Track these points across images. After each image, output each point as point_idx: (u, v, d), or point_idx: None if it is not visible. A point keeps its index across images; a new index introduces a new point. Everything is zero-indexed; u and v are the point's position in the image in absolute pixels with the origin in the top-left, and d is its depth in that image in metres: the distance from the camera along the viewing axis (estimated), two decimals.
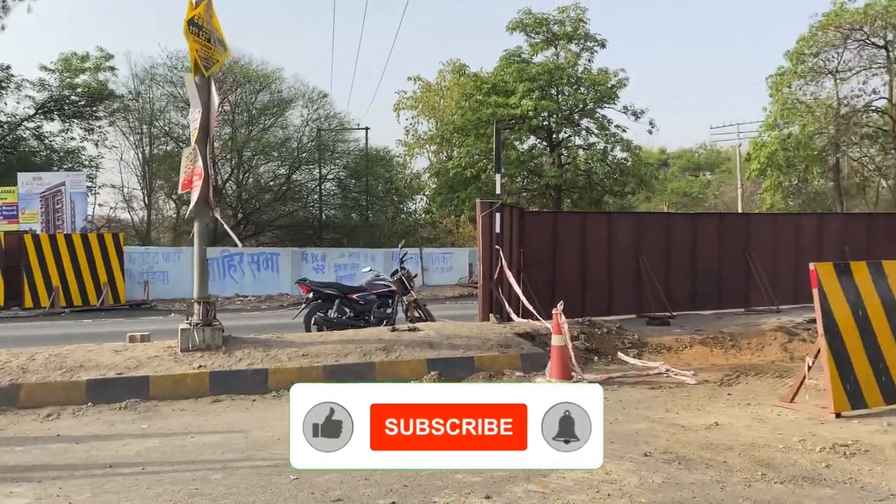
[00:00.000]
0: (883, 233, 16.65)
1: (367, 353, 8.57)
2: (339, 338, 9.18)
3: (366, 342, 8.88)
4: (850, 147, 31.16)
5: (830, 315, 6.43)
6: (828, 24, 28.21)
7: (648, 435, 5.93)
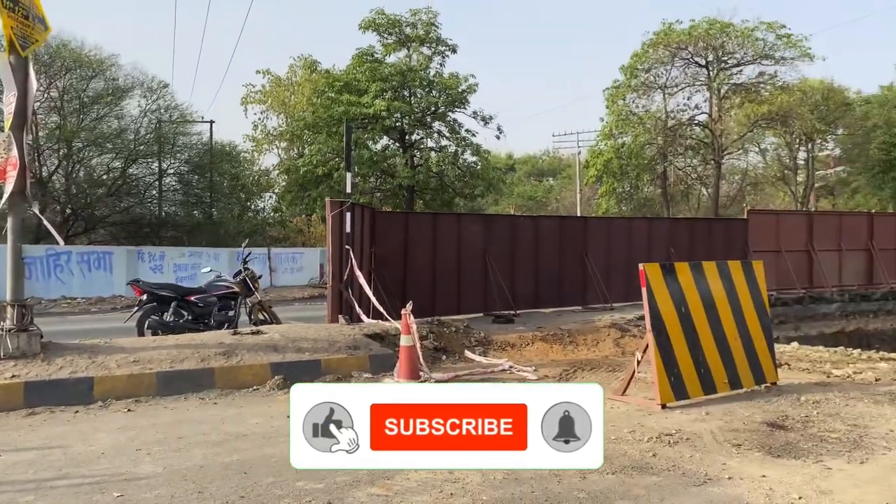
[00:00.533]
0: (703, 235, 18.24)
1: (205, 358, 8.11)
2: (175, 342, 8.63)
3: (204, 346, 8.40)
4: (675, 157, 33.89)
5: (657, 313, 6.88)
6: (658, 42, 30.50)
7: None
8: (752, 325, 7.57)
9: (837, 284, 19.73)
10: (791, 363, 9.62)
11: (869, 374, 8.79)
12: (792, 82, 31.54)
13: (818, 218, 20.89)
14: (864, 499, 4.37)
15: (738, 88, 31.80)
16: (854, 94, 37.67)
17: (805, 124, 32.75)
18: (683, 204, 39.17)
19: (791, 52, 30.36)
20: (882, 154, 35.22)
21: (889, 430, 5.90)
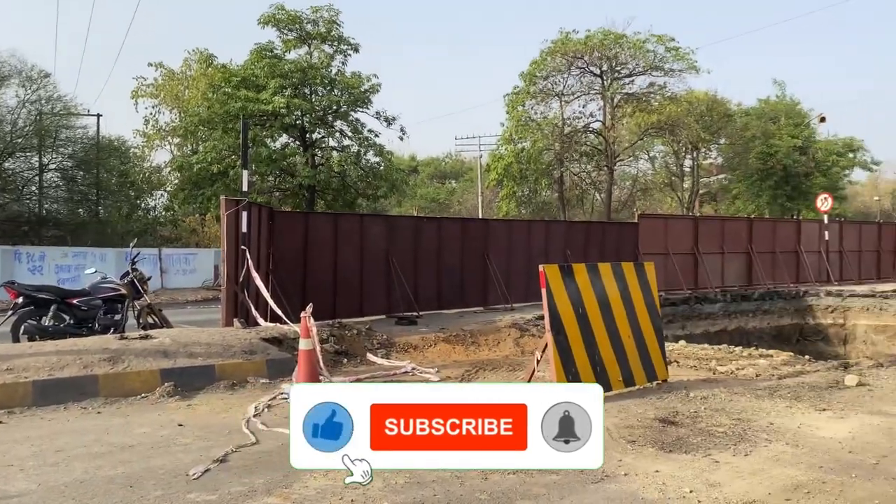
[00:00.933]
0: (597, 238, 18.88)
1: (88, 364, 7.61)
2: (55, 348, 8.05)
3: (87, 352, 7.88)
4: (571, 163, 34.93)
5: (556, 313, 7.01)
6: (555, 50, 31.31)
7: None
8: (645, 325, 7.86)
9: (720, 285, 20.90)
10: (680, 361, 10.06)
11: (750, 371, 9.31)
12: (679, 93, 33.18)
13: (703, 222, 22.07)
14: (749, 490, 4.59)
15: (629, 98, 33.11)
16: (735, 107, 40.12)
17: (691, 133, 34.52)
18: (578, 208, 40.45)
19: (679, 64, 31.95)
20: (759, 163, 37.70)
21: (769, 423, 6.25)
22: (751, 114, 39.97)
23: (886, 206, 74.07)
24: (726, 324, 19.85)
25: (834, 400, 7.16)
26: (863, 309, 21.02)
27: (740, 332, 19.95)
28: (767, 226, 23.69)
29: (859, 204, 68.65)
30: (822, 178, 38.97)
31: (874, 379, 8.38)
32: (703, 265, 20.55)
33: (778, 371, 9.31)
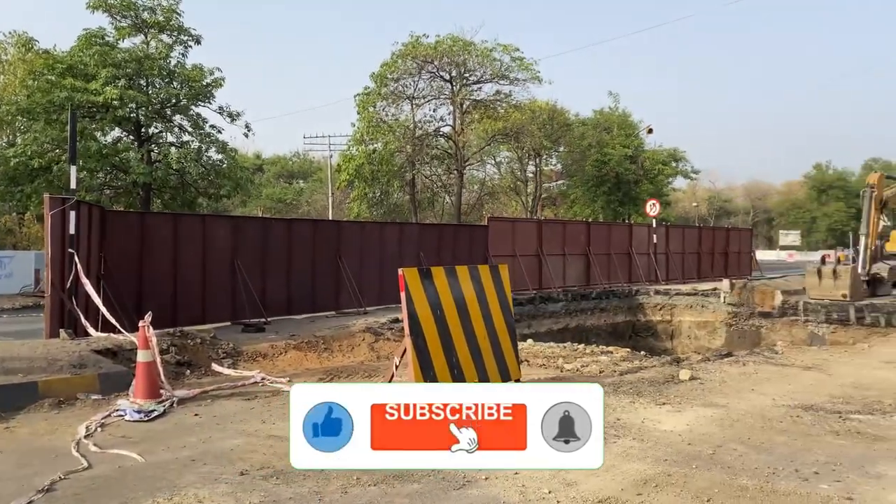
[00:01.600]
0: (450, 240, 19.14)
1: None
2: None
3: None
4: (423, 165, 35.27)
5: (415, 316, 6.94)
6: (406, 53, 31.46)
7: (245, 451, 5.62)
8: (500, 326, 7.99)
9: (562, 285, 21.92)
10: (530, 359, 10.37)
11: (594, 367, 9.78)
12: (524, 102, 34.52)
13: (546, 226, 23.04)
14: (603, 487, 4.75)
15: (477, 104, 33.97)
16: (573, 117, 42.40)
17: (534, 141, 36.01)
18: (430, 210, 40.94)
19: (524, 74, 33.21)
20: (595, 170, 40.06)
21: (616, 418, 6.54)
22: (587, 124, 42.39)
23: (703, 212, 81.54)
24: (568, 322, 20.84)
25: (671, 394, 7.65)
26: (687, 306, 22.91)
27: (580, 330, 21.03)
28: (603, 229, 25.19)
29: (680, 209, 75.02)
30: (649, 185, 42.08)
31: (703, 372, 9.07)
32: (546, 266, 21.45)
33: (619, 367, 9.84)
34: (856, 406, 7.11)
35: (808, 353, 11.59)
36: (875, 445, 5.70)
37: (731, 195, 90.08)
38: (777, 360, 10.27)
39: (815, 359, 10.50)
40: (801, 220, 75.59)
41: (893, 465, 5.20)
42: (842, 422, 6.44)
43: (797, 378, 8.80)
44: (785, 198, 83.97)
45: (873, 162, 77.03)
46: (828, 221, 72.30)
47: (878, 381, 8.55)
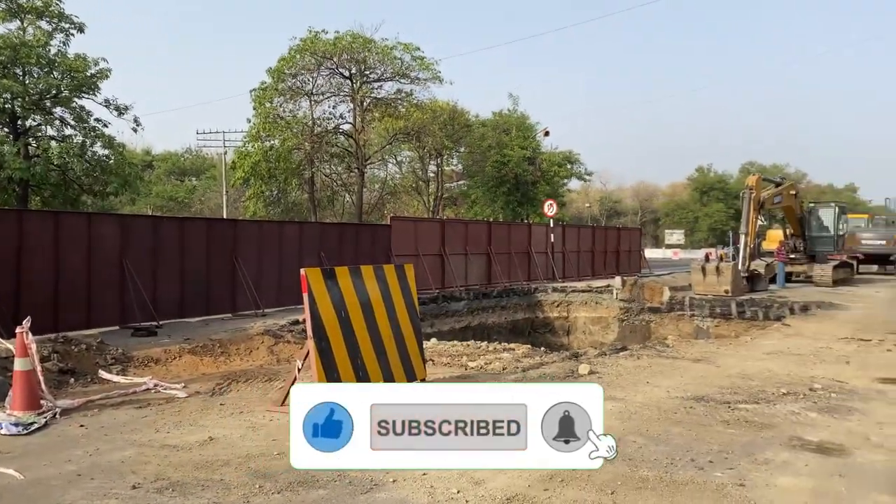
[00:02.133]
0: (351, 239, 18.91)
1: None
2: None
3: None
4: (322, 163, 34.70)
5: (318, 318, 6.77)
6: (304, 48, 30.83)
7: (137, 462, 5.30)
8: (405, 326, 7.93)
9: (464, 284, 22.13)
10: (434, 358, 10.36)
11: (497, 364, 9.88)
12: (425, 101, 34.63)
13: (449, 225, 23.19)
14: (510, 484, 4.77)
15: (378, 102, 33.76)
16: (474, 118, 42.89)
17: (435, 141, 36.19)
18: (329, 209, 40.36)
19: (424, 73, 33.31)
20: (495, 171, 40.71)
21: None
22: (487, 125, 43.01)
23: (595, 212, 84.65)
24: (470, 320, 21.06)
25: None
26: (582, 303, 23.68)
27: (482, 328, 21.30)
28: (504, 229, 25.63)
29: (574, 210, 77.53)
30: (546, 186, 43.19)
31: (601, 367, 9.35)
32: (449, 265, 21.59)
33: (521, 363, 9.99)
34: (743, 396, 7.52)
35: (696, 346, 12.18)
36: (762, 433, 6.03)
37: (621, 196, 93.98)
38: (668, 354, 10.73)
39: (704, 351, 11.06)
40: (685, 220, 79.80)
41: (779, 450, 5.52)
42: (731, 411, 6.79)
43: (688, 370, 9.23)
44: (670, 199, 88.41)
45: (749, 165, 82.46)
46: (709, 221, 76.64)
47: (761, 371, 9.08)
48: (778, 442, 5.74)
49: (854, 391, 7.81)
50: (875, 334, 12.77)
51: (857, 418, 6.56)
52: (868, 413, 6.79)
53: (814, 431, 6.08)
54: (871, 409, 6.98)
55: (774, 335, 13.24)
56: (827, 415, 6.69)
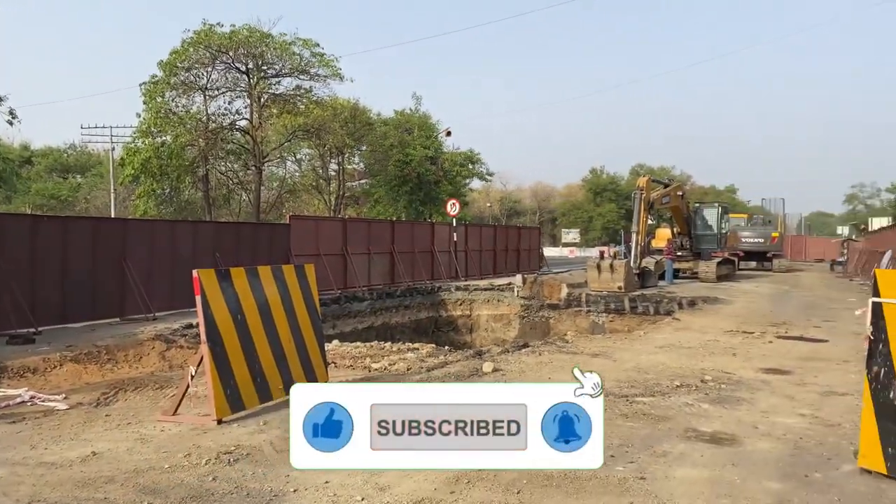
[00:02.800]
0: (249, 239, 18.29)
1: None
2: None
3: None
4: (217, 161, 33.46)
5: (213, 321, 6.44)
6: (198, 41, 29.62)
7: (8, 483, 4.84)
8: (306, 329, 7.68)
9: (367, 284, 21.88)
10: (336, 361, 10.14)
11: (401, 365, 9.78)
12: (325, 99, 34.03)
13: (351, 224, 22.83)
14: (416, 488, 4.67)
15: (277, 98, 32.90)
16: (376, 116, 42.59)
17: (336, 138, 35.64)
18: (225, 208, 39.01)
19: (325, 70, 32.75)
20: (397, 170, 40.58)
21: None
22: (389, 124, 42.81)
23: (496, 212, 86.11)
24: (373, 320, 20.84)
25: None
26: (484, 301, 23.93)
27: (386, 327, 21.13)
28: (407, 228, 25.53)
29: (476, 209, 78.59)
30: (448, 186, 43.46)
31: (504, 364, 9.42)
32: (351, 265, 21.28)
33: (426, 363, 9.93)
34: (640, 389, 7.75)
35: (594, 341, 12.52)
36: (659, 425, 6.21)
37: (521, 196, 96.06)
38: (568, 349, 10.97)
39: (601, 346, 11.37)
40: (580, 220, 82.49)
41: (675, 442, 5.69)
42: (629, 405, 6.97)
43: (586, 365, 9.43)
44: (566, 199, 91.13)
45: (639, 167, 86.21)
46: (603, 221, 79.54)
47: (656, 364, 9.42)
48: (675, 434, 5.93)
49: (741, 382, 8.21)
50: (757, 327, 13.55)
51: (746, 408, 6.89)
52: (754, 402, 7.15)
53: (707, 422, 6.32)
54: (757, 398, 7.35)
55: (666, 329, 13.80)
56: (718, 406, 6.99)
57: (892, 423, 4.67)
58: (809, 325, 14.03)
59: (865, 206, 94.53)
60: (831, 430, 6.10)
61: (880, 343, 4.76)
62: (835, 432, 6.01)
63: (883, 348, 4.74)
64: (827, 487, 4.64)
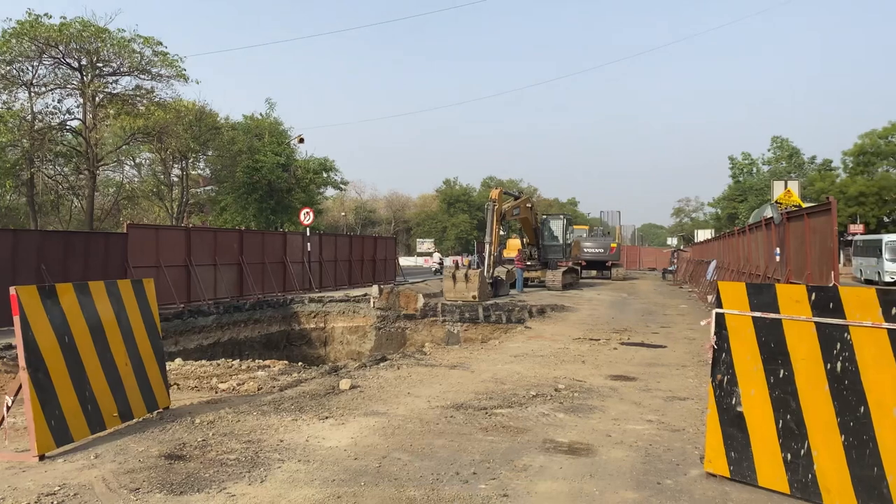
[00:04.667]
0: (80, 250, 16.74)
1: None
2: None
3: None
4: (44, 163, 30.57)
5: (34, 345, 5.70)
6: (22, 32, 26.96)
7: None
8: (144, 349, 7.03)
9: (213, 297, 20.76)
10: (180, 382, 9.43)
11: (252, 385, 9.24)
12: (168, 100, 32.11)
13: (196, 234, 21.57)
14: None
15: (113, 98, 30.60)
16: (223, 120, 40.74)
17: (180, 143, 33.69)
18: (54, 215, 35.72)
19: (168, 70, 30.89)
20: (246, 177, 39.04)
21: (279, 440, 6.16)
22: (238, 129, 41.13)
23: (351, 221, 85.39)
24: (220, 335, 19.80)
25: (333, 406, 7.52)
26: (339, 313, 23.48)
27: (233, 343, 20.15)
28: (257, 237, 24.54)
29: (330, 218, 77.49)
30: (301, 194, 42.44)
31: (362, 380, 9.16)
32: (196, 277, 20.11)
33: (278, 381, 9.45)
34: (498, 400, 7.78)
35: (451, 352, 12.55)
36: (518, 438, 6.23)
37: (375, 206, 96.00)
38: (426, 361, 10.89)
39: (458, 357, 11.40)
40: (435, 230, 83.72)
41: (535, 455, 5.72)
42: (489, 417, 6.96)
43: (445, 378, 9.40)
44: (420, 209, 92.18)
45: (490, 180, 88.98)
46: (456, 231, 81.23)
47: (512, 374, 9.55)
48: (534, 446, 5.96)
49: (592, 389, 8.49)
50: (602, 333, 14.20)
51: (598, 416, 7.09)
52: (606, 410, 7.39)
53: (563, 432, 6.43)
54: (608, 405, 7.61)
55: (518, 338, 14.14)
56: (573, 414, 7.15)
57: (735, 429, 4.93)
58: (648, 331, 14.92)
59: (691, 219, 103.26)
60: (677, 434, 6.40)
61: (723, 352, 5.03)
62: (680, 437, 6.31)
63: (726, 357, 5.01)
64: (678, 494, 4.82)
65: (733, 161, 67.35)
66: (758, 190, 59.03)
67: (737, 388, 4.95)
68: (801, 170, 60.53)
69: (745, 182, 64.16)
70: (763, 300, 4.86)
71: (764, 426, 4.81)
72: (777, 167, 61.69)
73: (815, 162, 61.01)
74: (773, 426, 4.76)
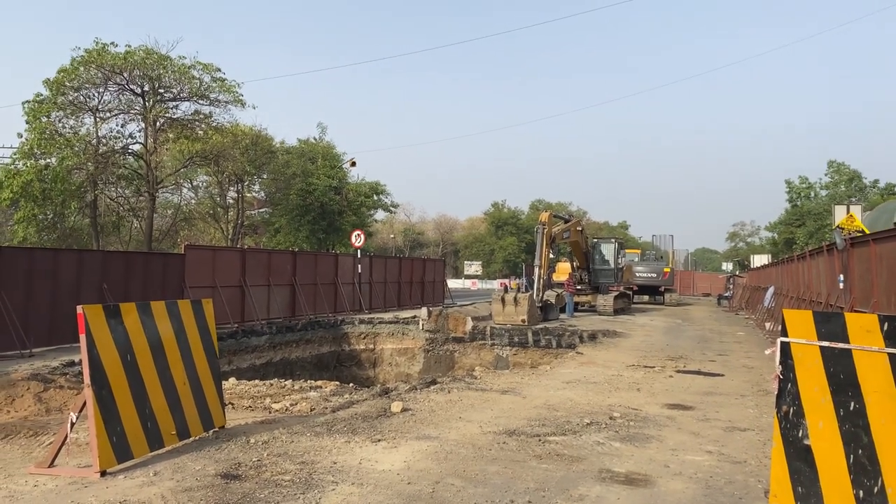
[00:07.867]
0: (140, 270, 17.23)
1: None
2: None
3: None
4: (107, 186, 31.68)
5: (98, 363, 5.86)
6: (90, 60, 28.16)
7: None
8: (202, 369, 7.17)
9: (266, 317, 21.09)
10: (234, 402, 9.56)
11: (304, 405, 9.31)
12: (225, 125, 33.03)
13: (251, 255, 22.01)
14: None
15: (174, 123, 31.63)
16: (278, 144, 41.70)
17: (236, 166, 34.62)
18: (115, 236, 36.89)
19: (225, 95, 31.82)
20: (299, 199, 39.75)
21: (333, 462, 6.17)
22: (292, 153, 42.01)
23: (400, 243, 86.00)
24: (272, 355, 20.06)
25: (385, 429, 7.52)
26: (389, 334, 23.57)
27: (285, 363, 20.38)
28: (309, 259, 24.89)
29: (380, 240, 78.20)
30: (352, 217, 42.98)
31: (413, 402, 9.14)
32: (250, 297, 20.47)
33: (330, 403, 9.51)
34: (551, 427, 7.66)
35: (502, 376, 12.44)
36: (573, 466, 6.11)
37: (424, 228, 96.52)
38: (477, 385, 10.82)
39: (509, 382, 11.29)
40: (482, 252, 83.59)
41: (590, 485, 5.60)
42: (542, 445, 6.85)
43: (497, 402, 9.31)
44: (468, 232, 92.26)
45: (538, 203, 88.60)
46: (504, 254, 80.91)
47: (564, 401, 9.40)
48: (590, 475, 5.83)
49: (648, 418, 8.29)
50: (657, 361, 13.90)
51: (655, 446, 6.91)
52: (663, 440, 7.20)
53: (620, 462, 6.28)
54: (665, 435, 7.41)
55: (570, 363, 13.93)
56: (629, 444, 6.98)
57: (802, 463, 4.74)
58: (705, 358, 14.54)
59: (746, 244, 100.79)
60: (738, 467, 6.18)
61: (789, 382, 4.85)
62: (742, 469, 6.10)
63: (792, 388, 4.83)
64: None
65: (790, 185, 65.66)
66: (816, 214, 57.30)
67: (804, 421, 4.76)
68: (863, 193, 58.57)
69: (803, 206, 62.41)
70: (831, 329, 4.68)
71: (833, 461, 4.61)
72: (836, 191, 59.86)
73: (879, 186, 59.00)
74: (843, 461, 4.56)
